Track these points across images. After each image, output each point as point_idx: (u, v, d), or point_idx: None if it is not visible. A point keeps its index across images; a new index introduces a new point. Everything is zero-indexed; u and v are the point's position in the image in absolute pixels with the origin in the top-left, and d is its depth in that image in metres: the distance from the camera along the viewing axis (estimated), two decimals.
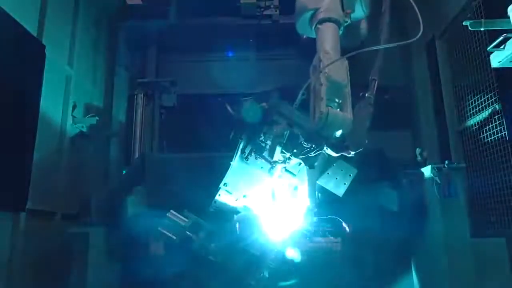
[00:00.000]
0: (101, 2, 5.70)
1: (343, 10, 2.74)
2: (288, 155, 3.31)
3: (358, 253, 4.24)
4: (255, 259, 3.44)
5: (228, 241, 3.51)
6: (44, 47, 4.11)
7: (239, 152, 3.58)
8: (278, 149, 3.39)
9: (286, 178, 3.59)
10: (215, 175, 3.74)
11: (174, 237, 3.58)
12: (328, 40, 2.60)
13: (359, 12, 2.84)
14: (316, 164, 3.10)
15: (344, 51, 2.73)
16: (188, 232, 3.58)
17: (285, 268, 3.48)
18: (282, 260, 3.45)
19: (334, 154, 2.68)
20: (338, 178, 3.62)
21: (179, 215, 3.66)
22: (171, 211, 3.66)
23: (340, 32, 2.72)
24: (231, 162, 3.63)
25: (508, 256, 3.45)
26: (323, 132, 2.50)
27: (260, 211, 3.64)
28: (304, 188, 3.60)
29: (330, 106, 2.47)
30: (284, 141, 3.33)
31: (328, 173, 3.50)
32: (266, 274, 3.46)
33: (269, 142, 3.45)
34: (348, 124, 2.47)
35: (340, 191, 3.65)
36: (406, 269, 4.40)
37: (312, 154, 2.82)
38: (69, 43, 4.94)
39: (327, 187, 3.64)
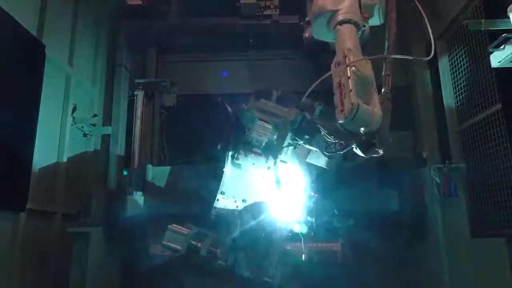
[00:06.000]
0: (101, 2, 5.70)
1: (361, 14, 2.74)
2: (301, 142, 3.37)
3: (357, 254, 4.27)
4: (266, 254, 3.45)
5: (234, 243, 3.51)
6: (44, 47, 4.11)
7: (229, 158, 3.65)
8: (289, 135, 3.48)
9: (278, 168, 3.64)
10: (214, 183, 3.77)
11: (180, 247, 3.56)
12: (349, 39, 2.60)
13: (376, 19, 2.84)
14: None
15: None
16: (192, 241, 3.56)
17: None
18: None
19: (362, 155, 2.60)
20: None
21: (180, 227, 3.65)
22: (173, 224, 3.66)
23: (358, 35, 2.72)
24: (223, 169, 3.67)
25: (508, 256, 3.45)
26: (350, 126, 2.41)
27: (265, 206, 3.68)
28: (296, 169, 3.65)
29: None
30: (296, 127, 3.42)
31: (316, 151, 3.50)
32: (279, 269, 3.47)
33: (254, 135, 3.52)
34: (378, 119, 2.37)
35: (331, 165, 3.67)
36: (406, 269, 4.41)
37: (341, 152, 2.75)
38: (69, 43, 4.94)
39: (318, 164, 3.66)
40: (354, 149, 2.56)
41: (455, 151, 4.67)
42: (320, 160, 3.66)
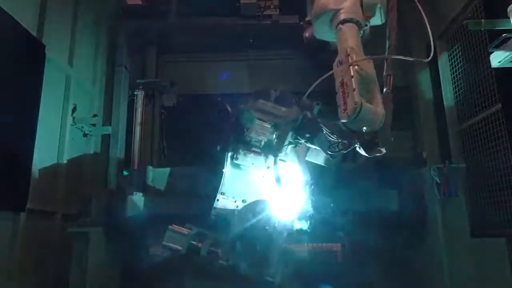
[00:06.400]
0: (101, 2, 5.70)
1: (363, 13, 2.75)
2: (302, 140, 3.42)
3: (357, 254, 4.27)
4: (267, 253, 3.47)
5: (235, 242, 3.52)
6: (44, 47, 4.11)
7: (228, 160, 3.69)
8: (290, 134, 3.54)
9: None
10: (214, 184, 3.80)
11: (180, 248, 3.56)
12: (351, 38, 2.60)
13: (377, 19, 2.85)
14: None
15: None
16: (193, 242, 3.57)
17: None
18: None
19: (366, 155, 2.61)
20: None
21: (180, 227, 3.66)
22: (173, 224, 3.67)
23: (360, 34, 2.73)
24: (223, 170, 3.69)
25: (508, 256, 3.45)
26: (353, 125, 2.41)
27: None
28: (296, 167, 3.68)
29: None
30: (297, 125, 3.47)
31: (316, 148, 3.53)
32: (282, 268, 3.49)
33: (253, 135, 3.56)
34: (380, 118, 2.38)
35: (331, 163, 3.71)
36: (406, 269, 4.41)
37: (344, 152, 2.75)
38: (69, 43, 4.94)
39: (317, 162, 3.68)
40: (357, 149, 2.56)
41: (455, 151, 4.67)
42: (319, 158, 3.69)
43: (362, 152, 2.54)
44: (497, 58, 2.88)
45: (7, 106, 3.49)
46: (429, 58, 2.62)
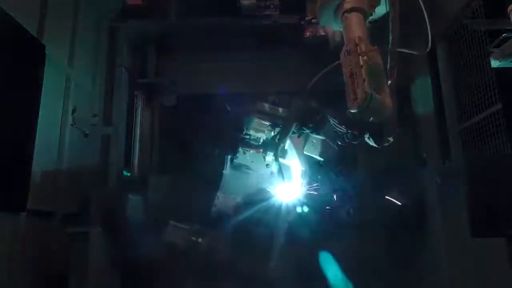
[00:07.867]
0: (101, 2, 5.69)
1: (368, 2, 2.75)
2: (307, 131, 3.52)
3: (357, 253, 4.27)
4: (267, 243, 3.50)
5: (235, 235, 3.55)
6: (44, 47, 4.11)
7: (228, 162, 3.82)
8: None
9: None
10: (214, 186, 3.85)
11: (181, 243, 3.58)
12: (358, 27, 2.61)
13: (382, 8, 2.84)
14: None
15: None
16: (193, 237, 3.59)
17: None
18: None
19: (375, 145, 2.62)
20: (323, 144, 3.70)
21: (180, 224, 3.68)
22: (173, 221, 3.69)
23: (366, 23, 2.73)
24: (223, 171, 3.73)
25: (508, 256, 3.46)
26: (361, 115, 2.42)
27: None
28: (294, 162, 3.78)
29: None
30: (301, 116, 3.59)
31: (313, 142, 3.56)
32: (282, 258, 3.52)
33: (252, 132, 3.66)
34: (389, 109, 2.42)
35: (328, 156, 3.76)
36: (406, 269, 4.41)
37: (354, 142, 2.77)
38: (69, 43, 4.94)
39: (313, 155, 3.71)
40: (367, 139, 2.59)
41: (455, 151, 4.67)
42: (316, 152, 3.73)
43: (371, 143, 2.56)
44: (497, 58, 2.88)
45: (7, 106, 3.49)
46: (427, 50, 2.62)
